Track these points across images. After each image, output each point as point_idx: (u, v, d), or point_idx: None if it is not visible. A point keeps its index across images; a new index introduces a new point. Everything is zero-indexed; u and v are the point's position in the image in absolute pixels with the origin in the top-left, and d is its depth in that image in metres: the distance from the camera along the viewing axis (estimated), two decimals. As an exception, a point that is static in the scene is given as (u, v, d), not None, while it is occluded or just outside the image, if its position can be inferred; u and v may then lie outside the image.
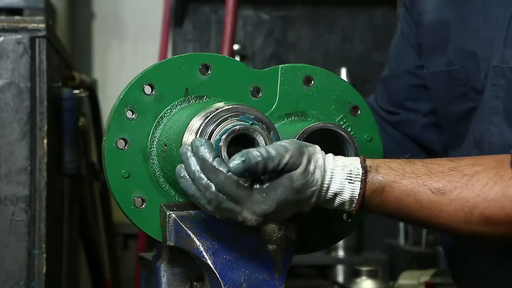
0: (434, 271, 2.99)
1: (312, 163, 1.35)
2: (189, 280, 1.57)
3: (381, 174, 1.40)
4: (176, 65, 1.53)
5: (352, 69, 3.86)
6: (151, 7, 4.12)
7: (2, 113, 1.96)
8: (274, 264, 1.46)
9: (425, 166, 1.41)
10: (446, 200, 1.39)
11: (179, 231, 1.44)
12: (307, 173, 1.34)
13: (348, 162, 1.39)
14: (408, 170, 1.41)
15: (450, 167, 1.41)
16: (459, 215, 1.39)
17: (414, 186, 1.40)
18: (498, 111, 1.63)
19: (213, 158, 1.32)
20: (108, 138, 1.50)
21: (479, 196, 1.38)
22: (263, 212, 1.34)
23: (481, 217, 1.39)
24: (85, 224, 2.85)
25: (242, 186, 1.33)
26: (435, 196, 1.39)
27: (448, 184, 1.39)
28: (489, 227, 1.40)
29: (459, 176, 1.40)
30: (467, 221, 1.40)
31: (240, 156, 1.30)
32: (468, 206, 1.39)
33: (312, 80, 1.59)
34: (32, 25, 1.99)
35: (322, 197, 1.38)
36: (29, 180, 1.96)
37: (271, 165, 1.32)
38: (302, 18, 4.05)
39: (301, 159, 1.34)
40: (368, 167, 1.39)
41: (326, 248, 3.21)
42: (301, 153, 1.34)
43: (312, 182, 1.35)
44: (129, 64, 4.16)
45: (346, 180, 1.38)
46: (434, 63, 1.80)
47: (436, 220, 1.42)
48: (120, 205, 1.50)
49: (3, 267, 1.96)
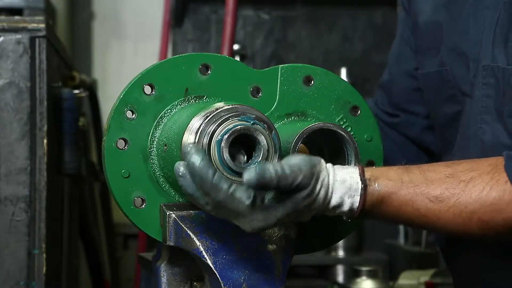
0: (434, 271, 2.99)
1: (319, 182, 1.36)
2: (189, 280, 1.57)
3: (380, 186, 1.41)
4: (176, 65, 1.53)
5: (352, 69, 3.86)
6: (151, 7, 4.12)
7: (2, 113, 1.96)
8: (274, 264, 1.46)
9: (422, 174, 1.43)
10: (444, 207, 1.41)
11: (179, 231, 1.44)
12: (313, 194, 1.35)
13: (348, 176, 1.39)
14: (406, 180, 1.42)
15: (447, 174, 1.42)
16: (457, 221, 1.41)
17: (412, 196, 1.41)
18: (490, 110, 1.64)
19: (213, 175, 1.31)
20: (108, 138, 1.50)
21: (476, 202, 1.40)
22: (261, 228, 1.34)
23: (479, 222, 1.41)
24: (85, 224, 2.85)
25: (243, 203, 1.31)
26: (433, 204, 1.41)
27: (445, 191, 1.41)
28: (487, 231, 1.42)
29: (456, 182, 1.41)
30: (465, 226, 1.42)
31: (256, 169, 1.29)
32: (466, 212, 1.40)
33: (312, 80, 1.59)
34: (32, 25, 1.99)
35: (322, 209, 1.39)
36: (29, 180, 1.96)
37: (283, 184, 1.31)
38: (302, 18, 4.05)
39: (311, 181, 1.34)
40: (367, 181, 1.40)
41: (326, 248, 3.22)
42: (312, 174, 1.34)
43: (316, 201, 1.36)
44: (129, 64, 4.16)
45: (345, 194, 1.38)
46: (428, 64, 1.82)
47: (434, 226, 1.44)
48: (120, 205, 1.50)
49: (3, 267, 1.96)
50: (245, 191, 1.31)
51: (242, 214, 1.32)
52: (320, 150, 1.57)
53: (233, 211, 1.33)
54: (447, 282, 2.86)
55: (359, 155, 1.50)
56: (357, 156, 1.50)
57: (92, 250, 2.94)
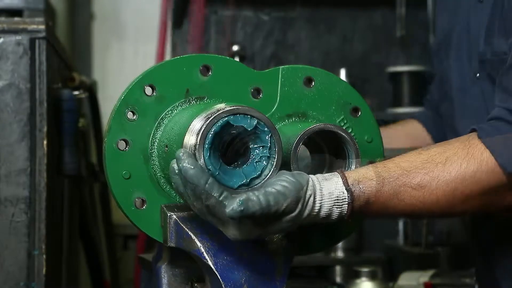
0: (434, 271, 2.99)
1: (306, 205, 1.38)
2: (189, 281, 1.57)
3: (364, 188, 1.44)
4: (177, 66, 1.53)
5: (352, 70, 3.86)
6: (151, 8, 4.11)
7: (2, 114, 1.96)
8: (275, 265, 1.46)
9: (398, 166, 1.47)
10: (427, 191, 1.47)
11: (180, 232, 1.44)
12: (300, 216, 1.38)
13: (333, 187, 1.42)
14: (386, 176, 1.46)
15: (423, 160, 1.48)
16: (441, 202, 1.48)
17: (395, 189, 1.46)
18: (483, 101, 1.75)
19: (205, 183, 1.33)
20: (109, 139, 1.50)
21: (457, 178, 1.47)
22: (245, 238, 1.36)
23: (462, 197, 1.48)
24: (85, 225, 2.85)
25: None
26: (416, 192, 1.46)
27: (425, 176, 1.47)
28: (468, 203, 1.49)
29: (433, 165, 1.47)
30: (449, 204, 1.48)
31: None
32: (448, 190, 1.47)
33: (313, 81, 1.59)
34: (32, 26, 1.99)
35: (311, 222, 1.42)
36: (29, 181, 1.96)
37: (268, 214, 1.34)
38: (301, 19, 4.05)
39: (296, 206, 1.37)
40: (352, 189, 1.42)
41: (326, 249, 3.22)
42: (298, 199, 1.37)
43: (303, 219, 1.39)
44: (129, 65, 4.16)
45: (334, 206, 1.41)
46: None
47: (420, 212, 1.50)
48: (121, 206, 1.50)
49: (3, 267, 1.96)
50: (234, 200, 1.33)
51: (229, 223, 1.34)
52: (321, 151, 1.57)
53: (221, 219, 1.35)
54: (446, 282, 2.87)
55: (359, 156, 1.50)
56: (357, 157, 1.50)
57: (92, 251, 2.94)
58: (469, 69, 1.81)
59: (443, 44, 1.97)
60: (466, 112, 1.83)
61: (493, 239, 1.81)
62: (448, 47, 1.92)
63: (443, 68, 1.97)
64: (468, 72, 1.81)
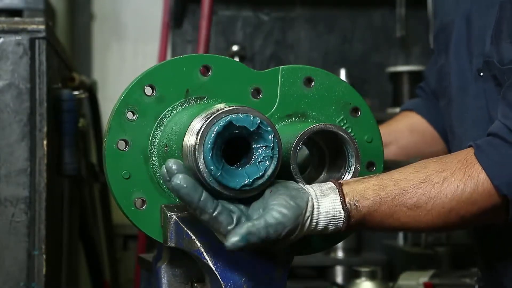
0: (433, 272, 2.99)
1: (304, 227, 1.40)
2: (189, 281, 1.57)
3: (360, 207, 1.45)
4: (177, 66, 1.53)
5: (351, 70, 3.86)
6: (151, 8, 4.11)
7: (2, 114, 1.96)
8: (275, 265, 1.46)
9: (396, 185, 1.48)
10: (423, 212, 1.48)
11: (180, 232, 1.44)
12: (297, 235, 1.39)
13: (331, 206, 1.42)
14: (383, 195, 1.47)
15: (420, 180, 1.48)
16: (435, 221, 1.49)
17: (391, 209, 1.47)
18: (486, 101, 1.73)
19: (198, 199, 1.33)
20: (108, 139, 1.50)
21: (453, 200, 1.47)
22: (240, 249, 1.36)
23: (457, 217, 1.49)
24: (84, 225, 2.85)
25: (225, 228, 1.35)
26: (412, 212, 1.48)
27: (422, 197, 1.47)
28: (466, 222, 1.51)
29: (430, 186, 1.48)
30: (445, 223, 1.50)
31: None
32: (444, 211, 1.48)
33: (313, 81, 1.59)
34: (32, 26, 1.99)
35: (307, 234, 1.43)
36: (29, 181, 1.96)
37: (267, 242, 1.35)
38: (301, 19, 4.05)
39: (295, 230, 1.38)
40: (349, 207, 1.43)
41: (327, 250, 3.22)
42: (297, 225, 1.38)
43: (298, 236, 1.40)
44: (129, 65, 4.16)
45: (329, 224, 1.43)
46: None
47: (416, 229, 1.53)
48: (121, 206, 1.50)
49: (3, 268, 1.96)
50: (229, 215, 1.34)
51: (224, 234, 1.35)
52: (321, 151, 1.57)
53: (216, 230, 1.37)
54: (446, 283, 2.87)
55: (359, 156, 1.50)
56: (357, 157, 1.50)
57: (92, 251, 2.94)
58: (469, 67, 1.79)
59: (442, 34, 1.94)
60: (465, 111, 1.81)
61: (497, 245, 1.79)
62: (448, 40, 1.88)
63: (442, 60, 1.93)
64: (468, 70, 1.79)
